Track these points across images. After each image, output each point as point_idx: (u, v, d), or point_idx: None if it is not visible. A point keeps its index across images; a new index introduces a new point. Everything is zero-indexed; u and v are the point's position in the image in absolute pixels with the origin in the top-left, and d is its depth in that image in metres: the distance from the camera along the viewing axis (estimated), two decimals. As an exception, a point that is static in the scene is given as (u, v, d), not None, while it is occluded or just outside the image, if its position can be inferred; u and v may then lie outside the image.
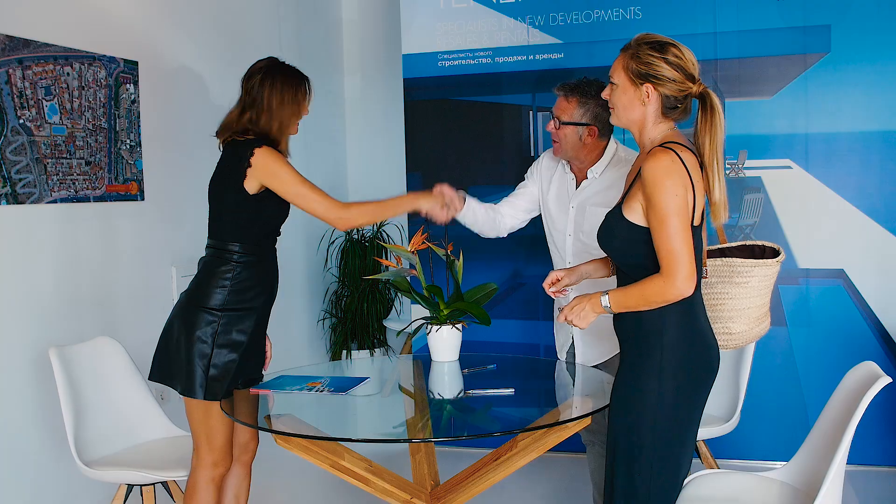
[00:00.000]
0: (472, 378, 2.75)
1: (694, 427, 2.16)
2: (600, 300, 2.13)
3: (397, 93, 5.11)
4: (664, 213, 1.99)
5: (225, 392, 2.58)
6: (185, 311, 2.61)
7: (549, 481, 3.99)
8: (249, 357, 2.67)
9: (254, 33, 4.73)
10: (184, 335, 2.58)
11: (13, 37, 3.14)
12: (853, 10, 3.91)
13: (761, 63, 4.03)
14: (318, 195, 2.58)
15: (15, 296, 3.18)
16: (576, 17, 4.26)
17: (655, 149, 2.06)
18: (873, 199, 3.97)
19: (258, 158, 2.52)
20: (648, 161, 2.03)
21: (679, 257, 1.98)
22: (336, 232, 5.47)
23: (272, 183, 2.55)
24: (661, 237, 2.00)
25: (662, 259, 2.00)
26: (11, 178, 3.13)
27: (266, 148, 2.55)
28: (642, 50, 2.10)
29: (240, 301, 2.60)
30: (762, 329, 2.34)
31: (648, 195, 2.02)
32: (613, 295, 2.11)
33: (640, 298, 2.06)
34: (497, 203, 3.12)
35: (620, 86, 2.15)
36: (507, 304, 4.25)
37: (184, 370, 2.57)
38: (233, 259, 2.60)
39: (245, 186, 2.55)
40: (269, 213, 2.62)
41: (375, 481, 2.42)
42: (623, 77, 2.14)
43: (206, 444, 2.61)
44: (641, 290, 2.05)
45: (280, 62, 2.70)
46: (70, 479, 3.30)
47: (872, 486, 3.78)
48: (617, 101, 2.17)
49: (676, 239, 1.98)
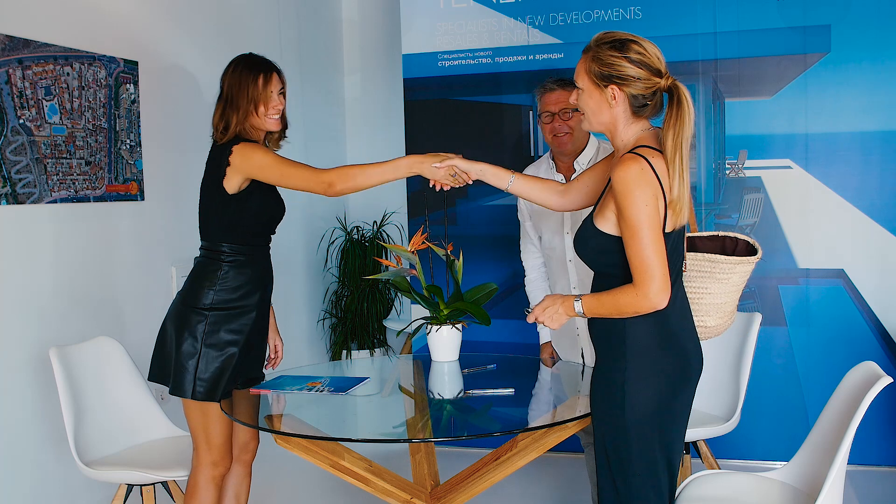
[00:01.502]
0: (472, 378, 2.75)
1: (677, 431, 2.11)
2: (573, 304, 2.10)
3: (397, 93, 5.12)
4: (635, 225, 1.94)
5: (223, 392, 2.59)
6: (176, 311, 2.64)
7: (549, 481, 3.99)
8: (246, 357, 2.67)
9: (254, 33, 4.73)
10: (175, 335, 2.61)
11: (13, 37, 3.14)
12: (853, 9, 3.91)
13: (761, 63, 4.03)
14: (299, 169, 2.54)
15: (15, 296, 3.18)
16: (576, 17, 4.26)
17: (625, 156, 1.99)
18: (873, 199, 3.96)
19: (236, 155, 2.53)
20: (617, 170, 1.96)
21: (651, 269, 1.94)
22: (336, 232, 5.47)
23: (256, 173, 2.55)
24: (632, 249, 1.95)
25: (635, 270, 1.96)
26: (11, 178, 3.13)
27: (243, 143, 2.56)
28: (602, 51, 2.03)
29: (228, 301, 2.61)
30: (731, 322, 2.34)
31: (619, 206, 1.96)
32: (587, 301, 2.08)
33: (613, 307, 2.03)
34: (526, 254, 3.27)
35: (586, 90, 2.09)
36: (507, 304, 4.25)
37: (174, 369, 2.60)
38: (221, 259, 2.62)
39: (224, 186, 2.56)
40: (251, 211, 2.62)
41: (375, 481, 2.42)
42: (587, 81, 2.08)
43: (205, 444, 2.62)
44: (614, 299, 2.02)
45: (249, 55, 2.69)
46: (70, 479, 3.30)
47: (873, 486, 3.78)
48: (584, 105, 2.10)
49: (648, 250, 1.93)
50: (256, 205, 2.63)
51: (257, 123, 2.63)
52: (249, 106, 2.60)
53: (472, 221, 4.46)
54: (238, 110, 2.59)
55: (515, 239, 3.37)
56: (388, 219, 5.53)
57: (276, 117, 2.66)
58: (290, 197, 5.43)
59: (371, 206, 5.61)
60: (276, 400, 2.55)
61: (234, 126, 2.59)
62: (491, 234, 4.41)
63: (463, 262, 2.87)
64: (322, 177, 2.53)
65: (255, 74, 2.62)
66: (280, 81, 2.68)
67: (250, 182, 2.59)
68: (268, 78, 2.63)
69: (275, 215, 2.73)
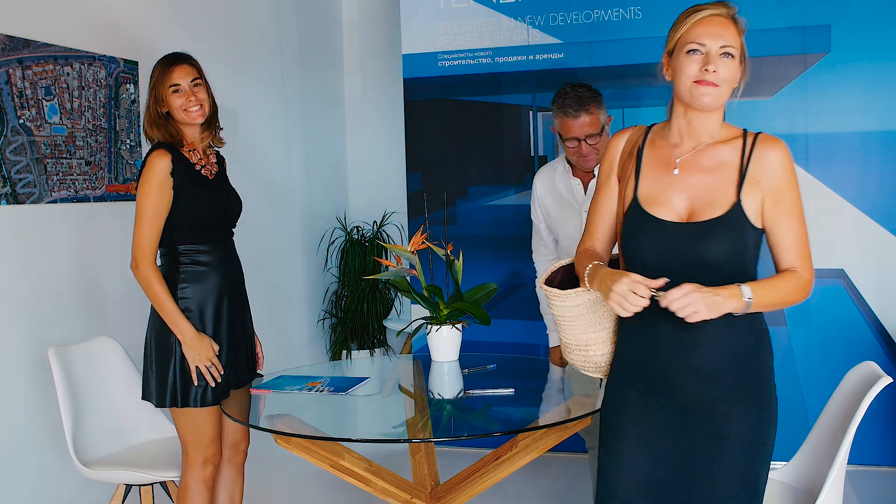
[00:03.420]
0: (472, 378, 2.75)
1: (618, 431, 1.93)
2: (742, 292, 1.74)
3: (397, 93, 5.11)
4: (800, 207, 1.85)
5: (204, 396, 2.58)
6: (149, 317, 2.65)
7: (549, 481, 3.99)
8: (230, 360, 2.66)
9: (254, 33, 4.73)
10: (146, 341, 2.64)
11: (13, 37, 3.13)
12: (853, 10, 3.90)
13: (761, 63, 4.03)
14: (143, 232, 2.51)
15: (15, 296, 3.18)
16: (576, 17, 4.26)
17: (772, 138, 1.89)
18: (873, 199, 3.96)
19: (144, 166, 2.56)
20: (779, 151, 1.85)
21: (810, 255, 1.86)
22: (336, 232, 5.47)
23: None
24: (801, 233, 1.84)
25: (802, 256, 1.83)
26: (11, 178, 3.13)
27: (153, 154, 2.54)
28: (740, 20, 1.87)
29: (183, 301, 2.58)
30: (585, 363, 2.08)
31: (781, 190, 1.83)
32: (757, 289, 1.76)
33: (784, 295, 1.82)
34: (538, 255, 3.25)
35: (737, 57, 1.85)
36: (507, 304, 4.25)
37: (143, 375, 2.64)
38: (173, 262, 2.61)
39: None
40: (185, 210, 2.57)
41: (375, 481, 2.42)
42: (739, 46, 1.85)
43: (193, 445, 2.61)
44: (787, 285, 1.82)
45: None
46: (69, 479, 3.30)
47: (873, 486, 3.78)
48: (731, 75, 1.85)
49: (806, 234, 1.85)
50: (189, 201, 2.57)
51: (180, 118, 2.59)
52: (154, 104, 2.58)
53: (472, 221, 4.46)
54: (148, 111, 2.59)
55: (515, 239, 3.37)
56: (388, 219, 5.53)
57: (195, 109, 2.58)
58: (290, 197, 5.44)
59: (371, 206, 5.61)
60: (276, 400, 2.54)
61: (157, 129, 2.58)
62: (491, 234, 4.41)
63: (463, 262, 2.86)
64: (140, 265, 2.51)
65: (158, 69, 2.60)
66: (190, 71, 2.60)
67: (178, 181, 2.55)
68: (166, 71, 2.58)
69: (213, 210, 2.64)
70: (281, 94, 4.95)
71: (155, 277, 2.52)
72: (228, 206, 2.70)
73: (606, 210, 1.99)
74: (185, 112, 2.58)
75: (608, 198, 1.99)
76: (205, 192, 2.61)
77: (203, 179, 2.63)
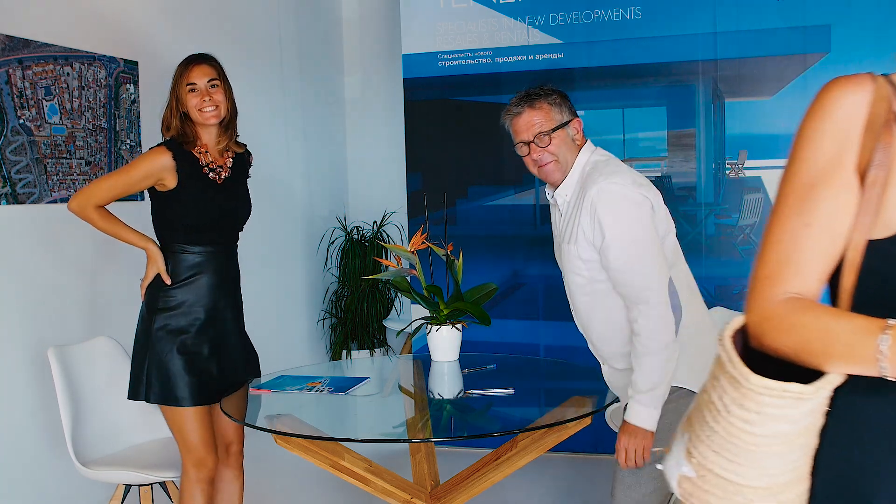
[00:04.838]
0: (472, 378, 2.75)
1: None
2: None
3: (397, 93, 5.11)
4: None
5: (191, 395, 2.57)
6: (139, 316, 2.67)
7: (549, 481, 3.99)
8: (220, 360, 2.65)
9: (254, 33, 4.73)
10: (135, 339, 2.65)
11: (13, 37, 3.13)
12: (853, 10, 3.90)
13: (761, 63, 4.03)
14: (101, 185, 2.58)
15: (15, 296, 3.18)
16: (576, 17, 4.26)
17: None
18: (873, 199, 3.96)
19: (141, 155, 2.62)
20: None
21: None
22: (336, 232, 5.47)
23: None
24: None
25: None
26: (11, 178, 3.13)
27: (153, 149, 2.58)
28: None
29: (168, 300, 2.58)
30: None
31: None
32: None
33: None
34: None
35: None
36: (507, 304, 4.25)
37: (130, 372, 2.65)
38: (166, 260, 2.61)
39: (155, 186, 2.59)
40: (183, 210, 2.58)
41: (375, 481, 2.42)
42: None
43: (184, 446, 2.61)
44: None
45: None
46: (68, 479, 3.29)
47: None
48: None
49: None
50: (182, 200, 2.58)
51: (195, 118, 2.58)
52: (175, 104, 2.58)
53: (472, 221, 4.46)
54: (169, 109, 2.59)
55: (515, 239, 3.36)
56: (388, 219, 5.53)
57: (209, 110, 2.56)
58: (289, 197, 5.44)
59: (371, 206, 5.61)
60: (276, 400, 2.54)
61: (173, 127, 2.58)
62: (491, 234, 4.41)
63: (463, 262, 2.87)
64: (79, 198, 2.58)
65: (178, 68, 2.59)
66: (208, 72, 2.57)
67: (178, 181, 2.56)
68: (185, 70, 2.57)
69: (210, 214, 2.62)
70: (281, 94, 4.95)
71: (91, 208, 2.55)
72: (231, 211, 2.67)
73: (835, 225, 1.07)
74: (200, 112, 2.55)
75: (840, 204, 1.06)
76: (205, 195, 2.60)
77: (208, 182, 2.61)
